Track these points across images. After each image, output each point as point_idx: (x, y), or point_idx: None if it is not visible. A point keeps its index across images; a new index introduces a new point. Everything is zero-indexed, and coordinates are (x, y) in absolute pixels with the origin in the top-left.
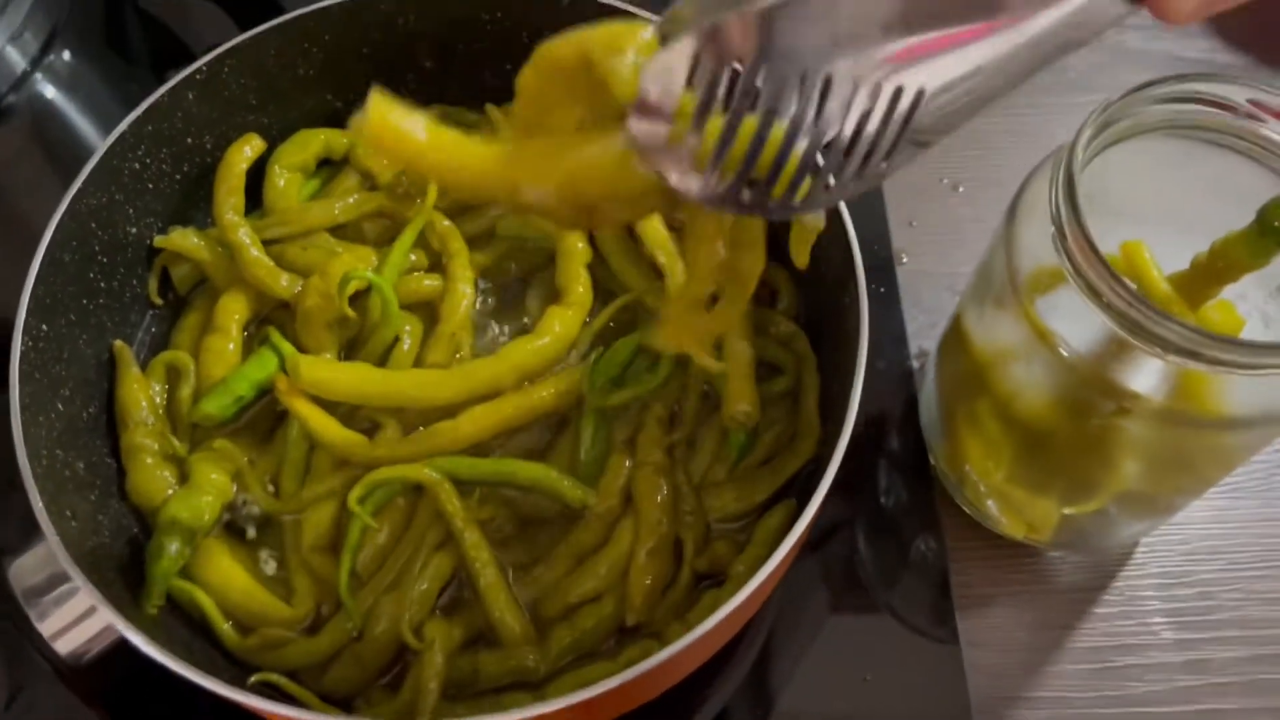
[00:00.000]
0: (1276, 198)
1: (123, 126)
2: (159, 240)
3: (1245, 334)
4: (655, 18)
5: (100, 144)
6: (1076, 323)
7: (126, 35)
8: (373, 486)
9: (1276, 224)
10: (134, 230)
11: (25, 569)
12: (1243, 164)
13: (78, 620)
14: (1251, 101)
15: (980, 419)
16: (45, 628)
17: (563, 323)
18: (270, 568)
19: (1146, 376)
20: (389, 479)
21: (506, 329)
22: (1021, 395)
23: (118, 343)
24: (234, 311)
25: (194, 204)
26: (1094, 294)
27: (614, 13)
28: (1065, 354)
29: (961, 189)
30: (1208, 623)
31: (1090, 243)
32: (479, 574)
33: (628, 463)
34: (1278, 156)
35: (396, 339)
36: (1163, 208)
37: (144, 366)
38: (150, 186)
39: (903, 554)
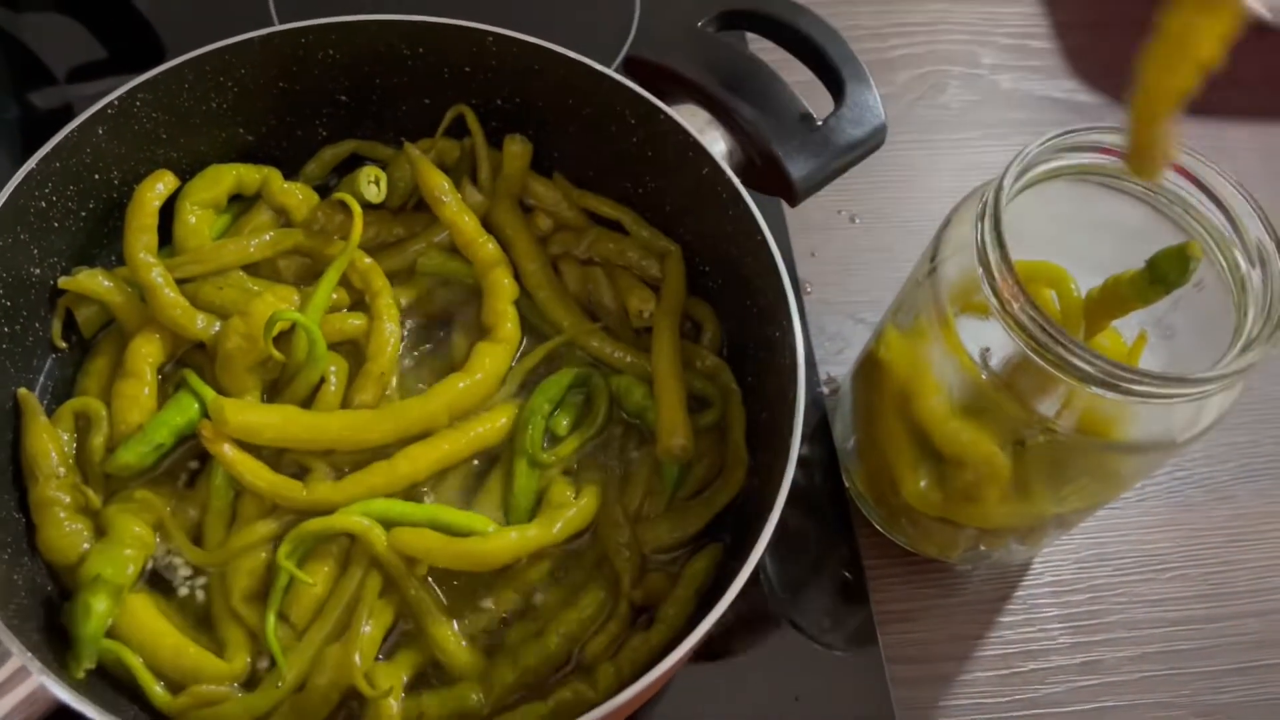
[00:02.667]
0: (1165, 250)
1: (31, 164)
2: (64, 282)
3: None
4: (567, 51)
5: None
6: (998, 349)
7: None
8: (302, 540)
9: (1163, 274)
10: (38, 271)
11: None
12: (1136, 207)
13: (9, 688)
14: None
15: (898, 442)
16: None
17: (493, 359)
18: (198, 595)
19: (1059, 402)
20: (319, 531)
21: (429, 366)
22: (943, 420)
23: (22, 390)
24: (147, 355)
25: (98, 242)
26: (1019, 328)
27: (538, 51)
28: (986, 378)
29: (858, 220)
30: (1099, 625)
31: (1018, 283)
32: (424, 616)
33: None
34: (1167, 200)
35: (322, 380)
36: (1062, 245)
37: (48, 414)
38: (56, 225)
39: (824, 574)
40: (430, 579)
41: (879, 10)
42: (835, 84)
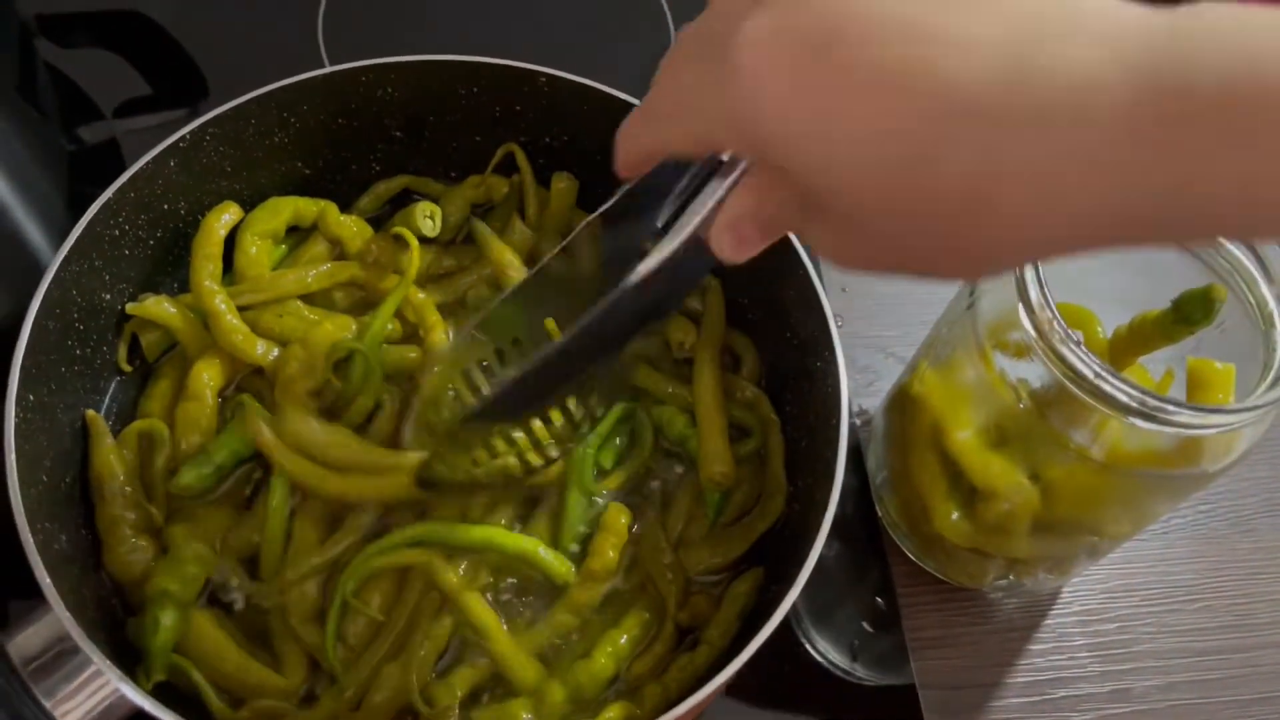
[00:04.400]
0: (1189, 292)
1: (108, 194)
2: (132, 307)
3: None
4: (618, 92)
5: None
6: (1032, 383)
7: (37, 87)
8: (366, 574)
9: (1188, 314)
10: (108, 296)
11: (27, 645)
12: (1163, 246)
13: (88, 697)
14: None
15: (931, 475)
16: (54, 706)
17: None
18: (238, 603)
19: (1092, 432)
20: (384, 566)
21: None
22: (974, 452)
23: (90, 412)
24: (208, 379)
25: (163, 270)
26: (1057, 359)
27: (588, 92)
28: (1023, 407)
29: None
30: (1127, 655)
31: (1056, 315)
32: (488, 636)
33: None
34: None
35: (377, 407)
36: (1089, 284)
37: (113, 435)
38: (126, 253)
39: (858, 601)
40: (489, 596)
41: None
42: None
